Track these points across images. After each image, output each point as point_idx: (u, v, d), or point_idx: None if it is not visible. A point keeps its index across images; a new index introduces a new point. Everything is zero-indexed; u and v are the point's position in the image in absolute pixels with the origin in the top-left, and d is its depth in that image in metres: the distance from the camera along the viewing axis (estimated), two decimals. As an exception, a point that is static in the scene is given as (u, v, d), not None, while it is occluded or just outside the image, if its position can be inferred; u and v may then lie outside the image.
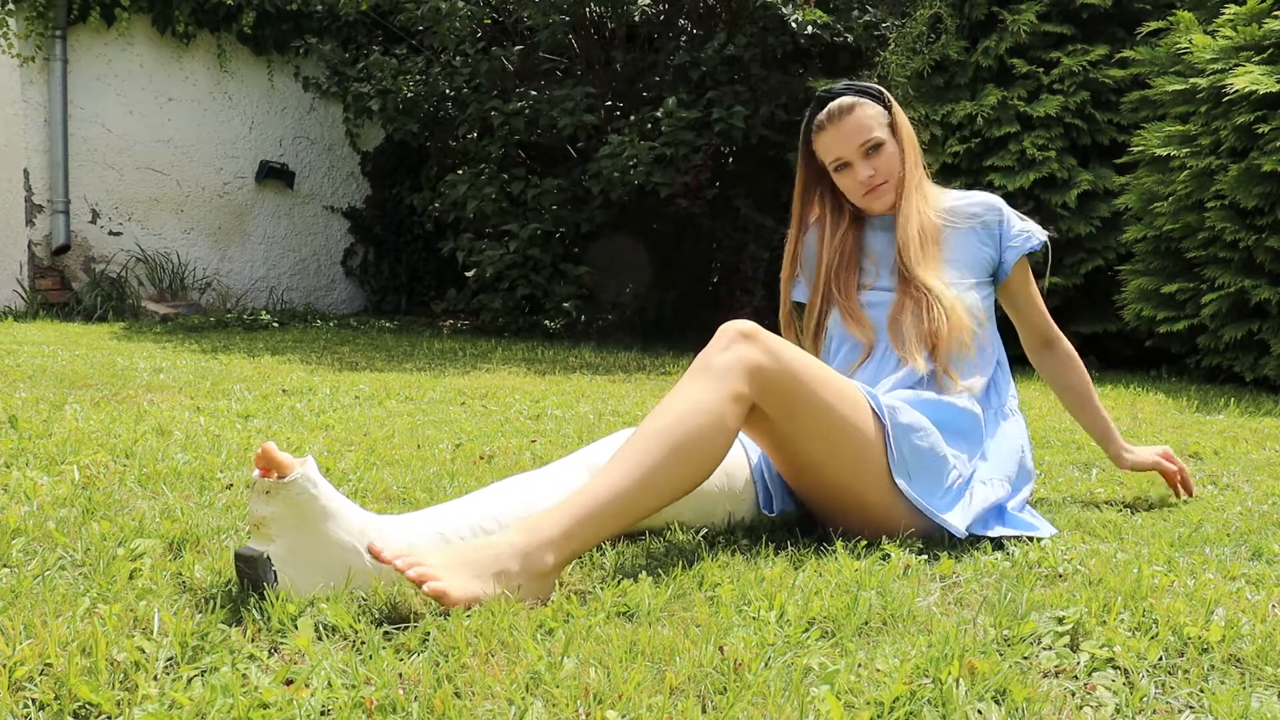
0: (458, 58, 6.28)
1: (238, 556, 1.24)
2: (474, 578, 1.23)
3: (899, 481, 1.58)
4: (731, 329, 1.51)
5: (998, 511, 1.71)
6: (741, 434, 1.73)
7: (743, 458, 1.71)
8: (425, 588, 1.18)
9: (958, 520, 1.60)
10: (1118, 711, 1.03)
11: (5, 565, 1.33)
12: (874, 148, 1.84)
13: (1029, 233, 1.90)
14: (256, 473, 1.24)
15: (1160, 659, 1.14)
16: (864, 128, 1.83)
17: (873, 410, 1.59)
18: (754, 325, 1.51)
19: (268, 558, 1.22)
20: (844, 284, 1.90)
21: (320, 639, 1.13)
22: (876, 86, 1.89)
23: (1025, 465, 1.81)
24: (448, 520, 1.40)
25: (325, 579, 1.25)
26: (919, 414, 1.65)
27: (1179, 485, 2.07)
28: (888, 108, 1.87)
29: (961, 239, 1.88)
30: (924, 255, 1.83)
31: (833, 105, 1.85)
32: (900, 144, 1.87)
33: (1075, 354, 2.01)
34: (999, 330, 1.92)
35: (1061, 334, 2.01)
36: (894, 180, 1.86)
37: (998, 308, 1.96)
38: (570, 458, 1.60)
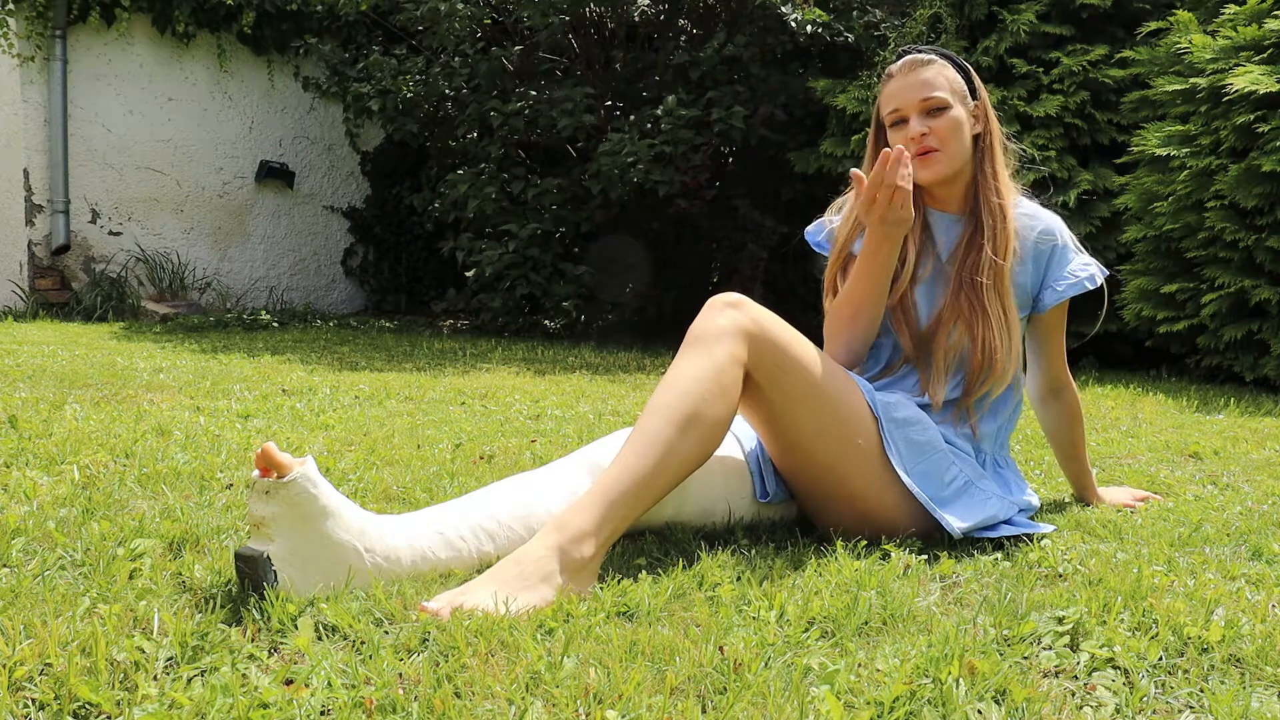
0: (457, 58, 6.28)
1: (237, 556, 1.24)
2: (525, 591, 1.25)
3: (901, 474, 1.57)
4: (719, 300, 1.54)
5: (1008, 523, 1.70)
6: (735, 425, 1.73)
7: (738, 452, 1.71)
8: None
9: (957, 520, 1.59)
10: (1118, 711, 1.03)
11: (5, 565, 1.33)
12: (937, 109, 1.70)
13: (1081, 274, 1.75)
14: (256, 473, 1.24)
15: (1160, 659, 1.14)
16: (931, 85, 1.70)
17: (867, 402, 1.59)
18: (740, 295, 1.54)
19: (267, 557, 1.22)
20: (918, 254, 1.78)
21: (320, 639, 1.13)
22: (966, 64, 1.77)
23: (1021, 505, 1.76)
24: (447, 520, 1.40)
25: (325, 578, 1.25)
26: (915, 408, 1.65)
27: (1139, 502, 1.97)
28: (970, 84, 1.75)
29: (1017, 263, 1.75)
30: (998, 269, 1.70)
31: (910, 57, 1.74)
32: (981, 126, 1.74)
33: (1079, 406, 1.91)
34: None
35: (1071, 380, 1.90)
36: (952, 158, 1.72)
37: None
38: (570, 457, 1.60)
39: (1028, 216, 1.78)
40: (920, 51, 1.75)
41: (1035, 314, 1.81)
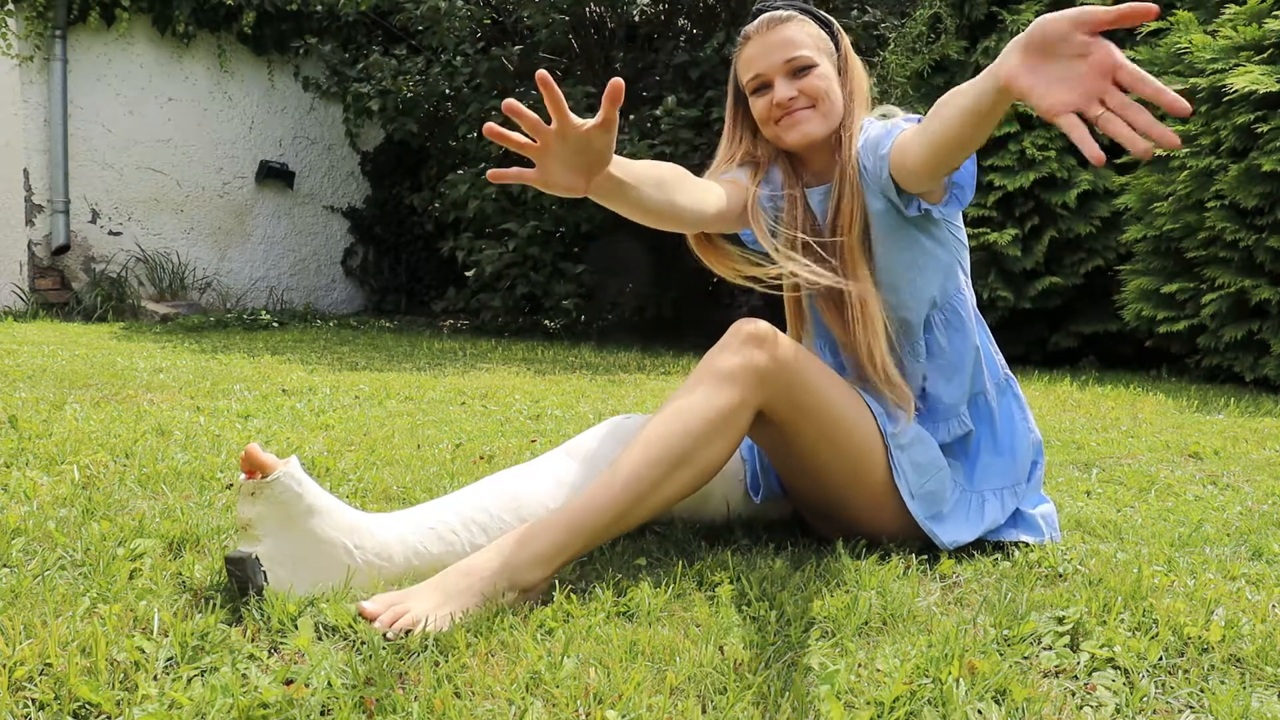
0: (458, 58, 6.28)
1: (227, 560, 1.24)
2: (472, 605, 1.22)
3: (909, 504, 1.55)
4: (743, 331, 1.43)
5: (1011, 519, 1.68)
6: None
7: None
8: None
9: (962, 535, 1.58)
10: (1118, 711, 1.03)
11: (5, 565, 1.33)
12: (803, 69, 1.54)
13: (896, 131, 1.48)
14: (242, 475, 1.24)
15: (1160, 659, 1.14)
16: (795, 44, 1.54)
17: (878, 429, 1.57)
18: (766, 327, 1.44)
19: (256, 558, 1.22)
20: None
21: (320, 639, 1.13)
22: (829, 16, 1.61)
23: (1034, 445, 1.67)
24: (439, 514, 1.40)
25: (316, 576, 1.25)
26: (919, 428, 1.62)
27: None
28: (835, 39, 1.60)
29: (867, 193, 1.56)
30: (850, 222, 1.55)
31: (767, 15, 1.56)
32: (846, 86, 1.58)
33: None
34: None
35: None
36: (826, 116, 1.56)
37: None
38: (560, 448, 1.58)
39: (864, 136, 1.58)
40: (777, 7, 1.59)
41: (898, 190, 1.51)
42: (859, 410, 1.53)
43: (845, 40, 1.62)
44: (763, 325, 1.45)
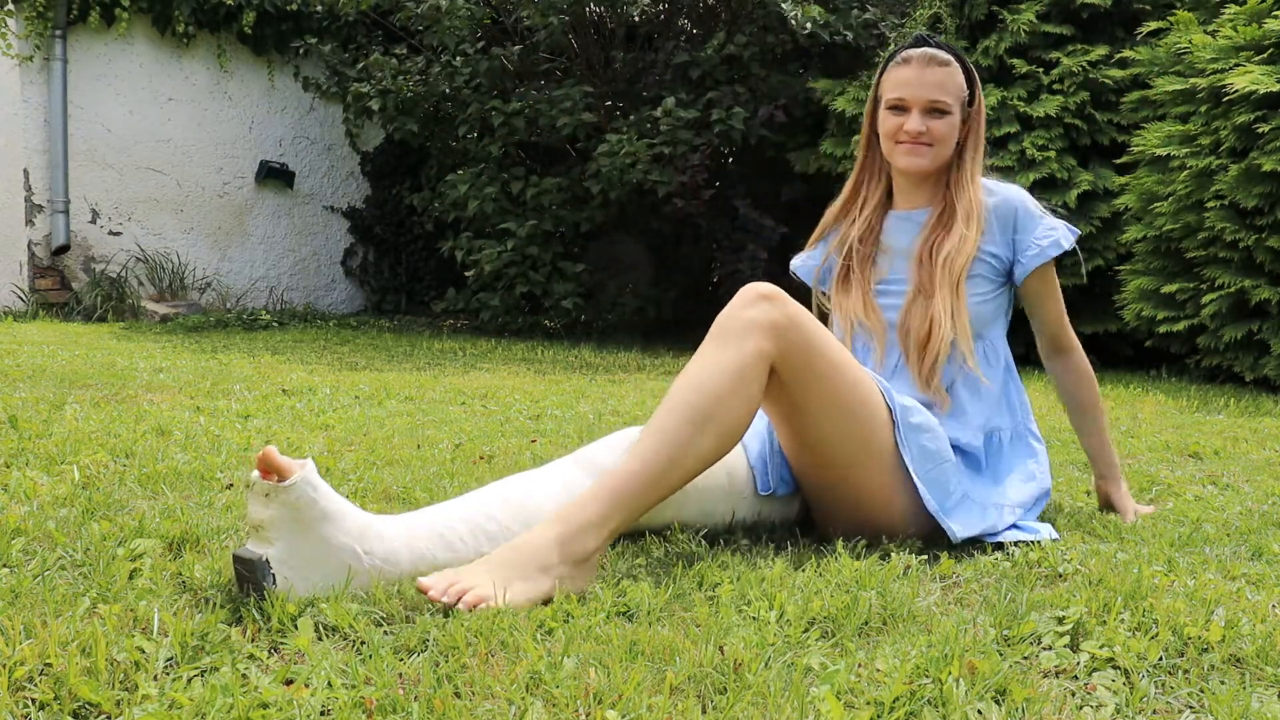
0: (458, 57, 6.28)
1: (236, 559, 1.24)
2: (521, 580, 1.24)
3: (914, 477, 1.56)
4: (752, 290, 1.49)
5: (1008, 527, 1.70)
6: None
7: (740, 453, 1.70)
8: (480, 609, 1.19)
9: (959, 528, 1.59)
10: (1118, 711, 1.03)
11: (5, 565, 1.33)
12: (940, 112, 1.75)
13: (1044, 242, 1.78)
14: (256, 474, 1.23)
15: (1160, 659, 1.14)
16: (943, 88, 1.74)
17: (886, 405, 1.58)
18: (775, 287, 1.50)
19: (266, 560, 1.22)
20: (863, 261, 1.82)
21: (320, 639, 1.13)
22: (973, 68, 1.81)
23: (1043, 491, 1.76)
24: (447, 521, 1.40)
25: (324, 580, 1.25)
26: (929, 415, 1.64)
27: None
28: (972, 91, 1.80)
29: (984, 237, 1.79)
30: (959, 246, 1.74)
31: (931, 50, 1.76)
32: (967, 130, 1.79)
33: (1087, 367, 1.90)
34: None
35: (1077, 343, 1.91)
36: (938, 157, 1.77)
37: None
38: (568, 457, 1.59)
39: (987, 192, 1.82)
40: (939, 47, 1.78)
41: (1019, 284, 1.83)
42: (868, 383, 1.57)
43: (980, 92, 1.81)
44: (771, 286, 1.50)
